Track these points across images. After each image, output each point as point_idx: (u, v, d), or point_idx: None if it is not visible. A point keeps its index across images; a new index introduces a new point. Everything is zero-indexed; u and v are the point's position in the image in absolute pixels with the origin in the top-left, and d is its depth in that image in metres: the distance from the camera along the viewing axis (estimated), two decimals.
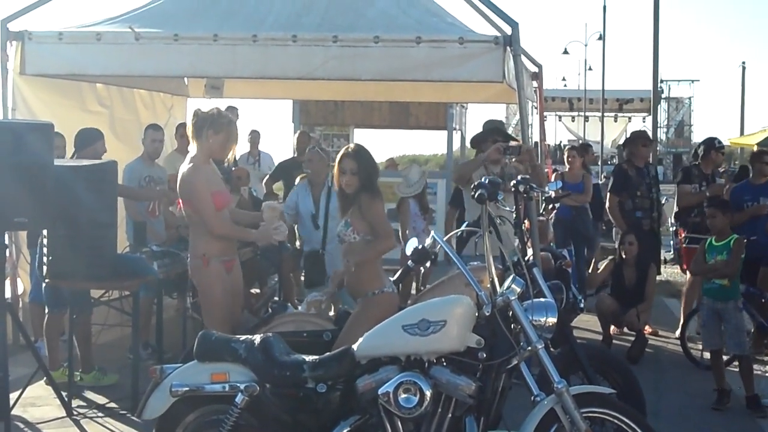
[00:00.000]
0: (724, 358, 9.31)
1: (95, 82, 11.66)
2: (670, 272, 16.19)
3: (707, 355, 9.35)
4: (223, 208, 7.60)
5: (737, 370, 9.14)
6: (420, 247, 5.91)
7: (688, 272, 12.42)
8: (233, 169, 12.24)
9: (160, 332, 9.44)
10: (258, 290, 12.85)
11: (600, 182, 17.72)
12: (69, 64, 10.14)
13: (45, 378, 8.32)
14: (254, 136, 16.42)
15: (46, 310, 9.16)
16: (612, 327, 11.24)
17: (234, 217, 7.92)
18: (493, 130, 9.86)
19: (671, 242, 17.69)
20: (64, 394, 8.12)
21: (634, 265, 11.14)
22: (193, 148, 7.57)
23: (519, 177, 7.94)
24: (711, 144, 12.39)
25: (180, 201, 7.79)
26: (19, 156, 7.10)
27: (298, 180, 11.74)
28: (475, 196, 5.75)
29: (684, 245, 12.50)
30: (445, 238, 5.90)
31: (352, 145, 7.38)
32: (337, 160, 7.09)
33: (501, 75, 9.44)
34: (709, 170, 11.92)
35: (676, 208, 12.54)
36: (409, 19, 9.93)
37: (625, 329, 11.37)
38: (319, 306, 7.63)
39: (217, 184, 7.66)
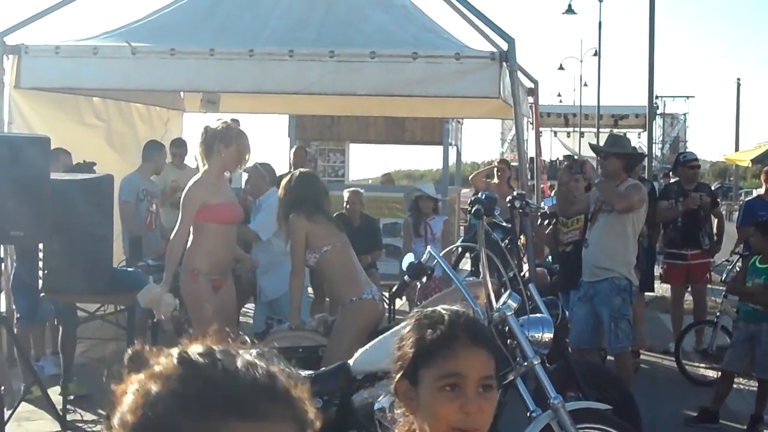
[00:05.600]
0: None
1: (91, 96, 11.65)
2: (665, 288, 16.16)
3: (703, 371, 9.30)
4: (223, 222, 7.61)
5: (737, 386, 9.12)
6: (416, 262, 5.91)
7: (669, 287, 12.47)
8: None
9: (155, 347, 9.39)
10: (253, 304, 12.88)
11: None
12: (65, 77, 10.13)
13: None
14: None
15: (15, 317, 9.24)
16: None
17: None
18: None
19: None
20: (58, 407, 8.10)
21: None
22: (203, 166, 7.61)
23: (515, 192, 7.96)
24: (677, 160, 12.51)
25: None
26: (16, 169, 7.09)
27: None
28: (472, 211, 5.76)
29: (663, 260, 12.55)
30: (441, 254, 5.90)
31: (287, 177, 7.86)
32: None
33: (497, 91, 9.44)
34: (690, 186, 11.85)
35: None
36: (406, 34, 9.93)
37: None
38: (326, 323, 7.64)
39: (224, 196, 7.68)
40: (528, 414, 5.46)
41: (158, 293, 7.57)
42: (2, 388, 7.65)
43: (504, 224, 7.16)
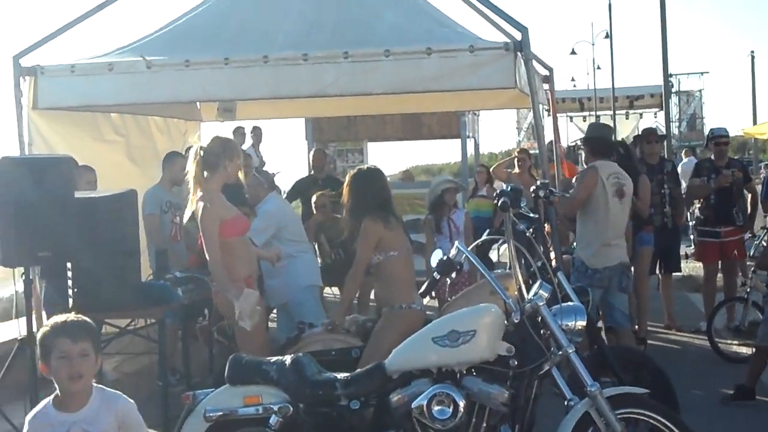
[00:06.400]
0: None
1: (109, 112, 11.70)
2: (692, 267, 16.12)
3: (736, 348, 9.24)
4: (244, 233, 7.72)
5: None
6: (445, 257, 5.90)
7: (702, 266, 12.42)
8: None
9: (187, 358, 9.45)
10: None
11: None
12: (82, 95, 10.15)
13: None
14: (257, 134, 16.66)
15: None
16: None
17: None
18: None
19: (691, 237, 17.64)
20: None
21: None
22: (199, 184, 7.63)
23: (539, 182, 7.99)
24: (708, 136, 12.46)
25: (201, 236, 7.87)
26: (41, 190, 7.13)
27: (315, 198, 11.78)
28: (498, 204, 5.76)
29: (697, 238, 12.51)
30: (470, 248, 5.91)
31: (348, 176, 7.75)
32: None
33: (513, 81, 9.41)
34: (722, 162, 11.81)
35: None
36: (419, 30, 9.90)
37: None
38: (358, 323, 7.69)
39: (230, 210, 7.74)
40: (566, 403, 5.46)
41: (256, 303, 7.62)
42: None
43: (531, 215, 7.15)
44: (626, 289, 9.19)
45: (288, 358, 5.66)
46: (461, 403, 5.22)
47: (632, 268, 9.80)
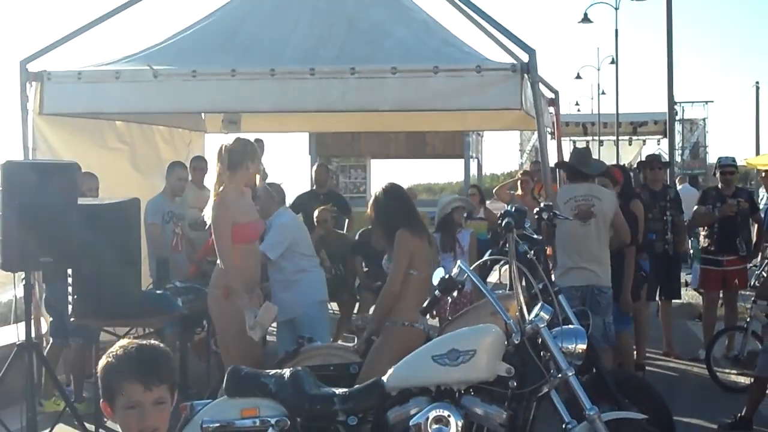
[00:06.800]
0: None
1: (114, 120, 11.70)
2: (692, 295, 16.09)
3: (735, 378, 9.20)
4: (252, 241, 7.70)
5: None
6: (447, 276, 5.87)
7: (704, 294, 12.40)
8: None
9: (185, 368, 9.41)
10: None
11: None
12: (88, 102, 10.16)
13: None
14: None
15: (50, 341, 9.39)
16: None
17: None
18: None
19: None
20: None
21: None
22: (220, 184, 7.62)
23: (542, 204, 7.98)
24: (715, 165, 12.44)
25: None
26: (44, 195, 7.12)
27: (317, 213, 11.80)
28: (502, 224, 5.75)
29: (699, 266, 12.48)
30: (471, 267, 5.89)
31: (374, 193, 7.59)
32: None
33: (519, 102, 9.41)
34: (728, 191, 11.79)
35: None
36: (426, 49, 9.92)
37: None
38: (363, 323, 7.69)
39: (249, 214, 7.74)
40: (563, 426, 5.43)
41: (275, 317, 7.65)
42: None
43: (535, 236, 7.12)
44: (595, 313, 8.95)
45: (287, 372, 5.64)
46: (459, 423, 5.19)
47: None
